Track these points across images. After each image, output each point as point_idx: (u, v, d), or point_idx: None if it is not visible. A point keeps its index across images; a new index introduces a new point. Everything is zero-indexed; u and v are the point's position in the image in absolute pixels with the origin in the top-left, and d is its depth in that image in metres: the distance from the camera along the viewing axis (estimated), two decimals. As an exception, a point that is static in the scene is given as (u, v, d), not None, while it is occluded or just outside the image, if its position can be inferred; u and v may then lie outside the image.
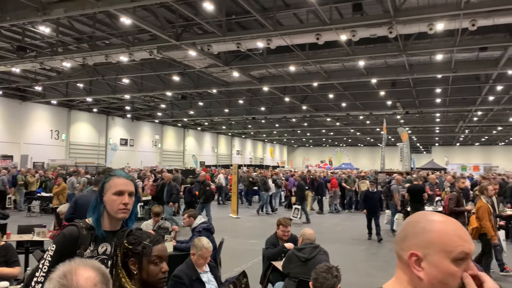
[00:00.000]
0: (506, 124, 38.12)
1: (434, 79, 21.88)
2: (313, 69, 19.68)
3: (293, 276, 4.41)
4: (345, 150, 62.45)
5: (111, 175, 2.26)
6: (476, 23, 12.06)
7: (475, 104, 26.74)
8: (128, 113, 35.66)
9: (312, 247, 4.63)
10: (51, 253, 2.08)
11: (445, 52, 16.48)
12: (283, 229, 5.63)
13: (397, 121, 36.14)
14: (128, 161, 35.66)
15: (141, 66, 20.26)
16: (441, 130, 44.93)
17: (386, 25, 12.81)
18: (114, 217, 2.21)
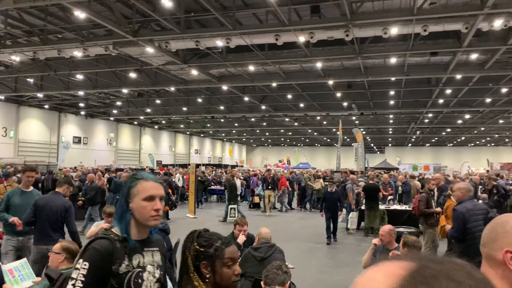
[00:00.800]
0: (454, 126, 40.06)
1: (388, 81, 22.62)
2: (272, 70, 19.82)
3: (249, 276, 4.41)
4: (302, 150, 63.39)
5: (137, 178, 2.02)
6: (428, 28, 12.56)
7: (426, 106, 27.88)
8: (81, 110, 34.48)
9: (268, 246, 4.64)
10: (83, 272, 1.79)
11: (398, 56, 17.06)
12: (239, 229, 5.61)
13: (352, 122, 37.09)
14: (81, 160, 34.49)
15: (96, 62, 19.63)
16: (394, 131, 46.53)
17: (343, 28, 13.10)
18: (145, 225, 1.99)
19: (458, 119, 36.40)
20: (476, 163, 52.06)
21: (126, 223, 1.96)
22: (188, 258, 1.91)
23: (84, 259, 1.83)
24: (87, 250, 1.87)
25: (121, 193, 2.06)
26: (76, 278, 1.79)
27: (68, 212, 5.54)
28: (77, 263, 1.85)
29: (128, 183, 2.03)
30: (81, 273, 1.79)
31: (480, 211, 5.37)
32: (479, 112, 31.57)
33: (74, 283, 1.78)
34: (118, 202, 2.07)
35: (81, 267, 1.81)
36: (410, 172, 31.95)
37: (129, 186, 2.00)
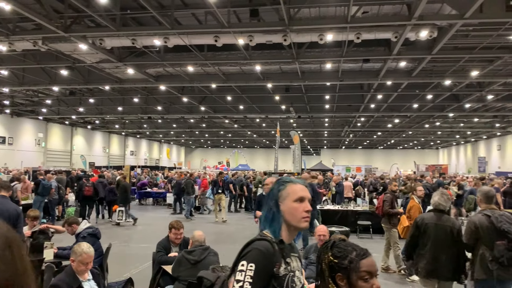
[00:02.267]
0: (384, 129, 42.22)
1: (324, 86, 23.37)
2: (212, 71, 19.74)
3: (183, 279, 4.34)
4: (242, 152, 63.71)
5: (286, 181, 2.06)
6: (361, 36, 13.16)
7: (359, 111, 29.15)
8: (6, 108, 32.15)
9: (202, 249, 4.60)
10: (250, 273, 1.79)
11: (333, 62, 17.69)
12: (175, 232, 5.51)
13: (290, 125, 37.88)
14: (6, 161, 32.19)
15: (23, 57, 18.42)
16: (329, 134, 48.17)
17: (281, 33, 13.36)
18: (296, 226, 1.99)
19: (388, 123, 38.43)
20: (404, 165, 55.24)
21: (279, 225, 1.97)
22: (324, 268, 1.87)
23: (248, 260, 1.83)
24: (249, 252, 1.86)
25: (269, 197, 2.07)
26: (244, 280, 1.78)
27: (19, 219, 5.18)
28: (240, 264, 1.84)
29: (276, 186, 2.06)
30: (248, 274, 1.78)
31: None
32: (407, 117, 33.53)
33: (242, 284, 1.78)
34: (266, 206, 2.07)
35: (247, 269, 1.80)
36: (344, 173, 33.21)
37: (278, 189, 2.03)
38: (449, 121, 36.35)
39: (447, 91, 23.16)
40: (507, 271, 4.52)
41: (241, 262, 1.85)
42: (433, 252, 5.01)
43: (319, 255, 1.95)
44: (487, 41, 15.02)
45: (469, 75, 18.92)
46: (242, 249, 1.92)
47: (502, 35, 14.29)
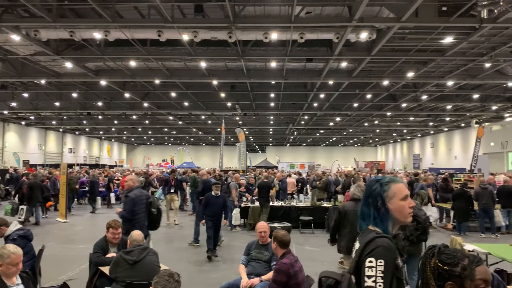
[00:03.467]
0: (326, 127, 43.43)
1: (269, 84, 23.63)
2: (155, 66, 19.28)
3: (121, 280, 4.21)
4: (187, 149, 62.91)
5: (387, 182, 2.20)
6: (304, 36, 13.42)
7: (303, 109, 29.77)
8: None
9: (140, 249, 4.48)
10: (381, 268, 1.94)
11: (278, 61, 17.92)
12: (113, 232, 5.32)
13: (236, 122, 37.95)
14: None
15: None
16: (274, 132, 48.81)
17: (226, 30, 13.33)
18: (404, 222, 2.17)
19: (330, 122, 39.56)
20: (345, 162, 57.22)
21: (389, 223, 2.14)
22: (429, 276, 1.84)
23: (376, 257, 1.95)
24: (375, 249, 1.98)
25: (371, 197, 2.19)
26: (375, 275, 1.92)
27: None
28: (367, 261, 1.96)
29: (378, 187, 2.18)
30: (379, 270, 1.92)
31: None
32: (348, 116, 34.72)
33: (374, 279, 1.92)
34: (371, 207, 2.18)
35: (377, 264, 1.94)
36: (288, 170, 33.79)
37: (382, 190, 2.17)
38: (387, 120, 38.07)
39: (385, 91, 24.22)
40: (416, 247, 5.74)
41: (369, 259, 1.98)
42: (352, 233, 6.03)
43: (424, 262, 1.97)
44: (422, 44, 15.86)
45: (405, 76, 19.91)
46: (364, 247, 2.03)
47: (435, 39, 15.15)
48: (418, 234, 5.64)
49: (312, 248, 10.34)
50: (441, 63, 18.35)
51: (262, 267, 5.29)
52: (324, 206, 13.37)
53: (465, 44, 15.38)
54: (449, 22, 12.59)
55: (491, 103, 27.50)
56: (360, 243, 2.09)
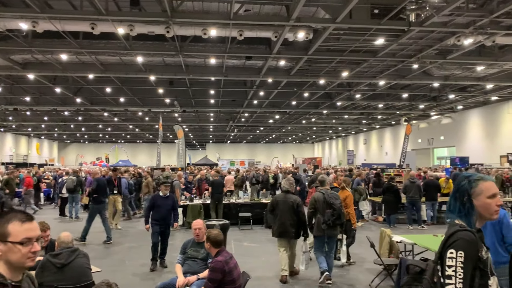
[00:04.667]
0: (266, 125, 43.97)
1: (208, 81, 23.46)
2: (88, 60, 18.42)
3: (47, 285, 3.97)
4: (123, 147, 60.92)
5: (476, 179, 2.31)
6: (243, 33, 13.46)
7: (243, 106, 29.90)
8: None
9: (69, 251, 4.26)
10: (461, 259, 2.11)
11: (217, 57, 17.83)
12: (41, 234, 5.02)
13: (175, 119, 37.29)
14: None
15: None
16: (214, 129, 48.60)
17: (163, 24, 13.03)
18: (489, 219, 2.30)
19: (269, 119, 40.11)
20: (284, 158, 58.32)
21: (474, 217, 2.26)
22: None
23: (456, 249, 2.13)
24: (456, 241, 2.15)
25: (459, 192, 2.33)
26: (456, 265, 2.10)
27: None
28: (448, 252, 2.14)
29: (467, 183, 2.32)
30: (459, 260, 2.09)
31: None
32: (287, 113, 35.39)
33: (454, 269, 2.10)
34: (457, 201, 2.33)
35: (457, 256, 2.11)
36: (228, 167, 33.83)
37: (470, 186, 2.30)
38: (323, 118, 39.29)
39: (321, 90, 24.96)
40: (333, 230, 6.89)
41: (450, 250, 2.15)
42: (281, 219, 7.32)
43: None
44: (355, 45, 16.51)
45: (340, 76, 20.64)
46: (446, 239, 2.21)
47: (367, 40, 15.83)
48: (334, 219, 6.77)
49: (251, 244, 10.44)
50: (373, 63, 19.23)
51: (198, 265, 5.25)
52: (263, 202, 13.54)
53: (395, 46, 16.22)
54: (380, 24, 13.21)
55: (419, 102, 29.29)
56: (445, 235, 2.27)
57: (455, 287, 2.07)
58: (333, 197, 6.93)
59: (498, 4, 12.59)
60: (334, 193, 7.15)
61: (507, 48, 17.71)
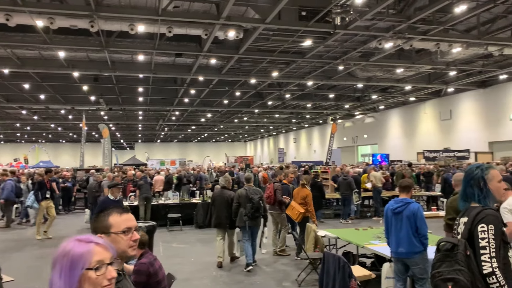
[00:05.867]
0: (198, 124, 43.58)
1: (137, 78, 22.71)
2: (3, 54, 17.01)
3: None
4: (44, 147, 57.16)
5: (487, 168, 2.75)
6: (172, 30, 13.17)
7: (173, 104, 29.36)
8: None
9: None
10: (492, 232, 2.41)
11: (145, 54, 17.31)
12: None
13: (101, 117, 35.69)
14: None
15: None
16: (143, 128, 47.22)
17: (87, 18, 12.40)
18: (498, 200, 2.80)
19: (201, 118, 39.78)
20: (217, 157, 58.17)
21: (489, 200, 2.64)
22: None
23: (486, 223, 2.45)
24: (485, 217, 2.48)
25: (475, 180, 2.70)
26: (488, 237, 2.40)
27: None
28: (479, 227, 2.46)
29: (480, 172, 2.71)
30: (491, 233, 2.41)
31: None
32: (219, 112, 35.32)
33: (487, 241, 2.40)
34: (474, 187, 2.69)
35: (489, 229, 2.43)
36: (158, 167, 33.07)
37: (483, 174, 2.69)
38: (255, 117, 39.75)
39: (252, 89, 25.21)
40: (254, 221, 7.77)
41: (480, 225, 2.46)
42: (217, 212, 8.22)
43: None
44: (284, 46, 16.86)
45: (270, 75, 21.00)
46: (475, 217, 2.51)
47: (296, 41, 16.23)
48: (253, 212, 7.65)
49: (180, 245, 10.29)
50: (302, 64, 19.77)
51: None
52: (193, 202, 13.38)
53: (322, 48, 16.81)
54: (308, 26, 13.61)
55: (344, 102, 30.64)
56: (468, 217, 2.56)
57: (490, 256, 2.37)
58: (253, 193, 7.79)
59: (415, 11, 13.50)
60: (256, 189, 8.03)
61: (423, 52, 19.06)
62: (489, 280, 2.32)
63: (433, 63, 19.64)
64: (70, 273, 1.24)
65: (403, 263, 4.81)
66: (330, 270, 5.02)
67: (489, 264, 2.34)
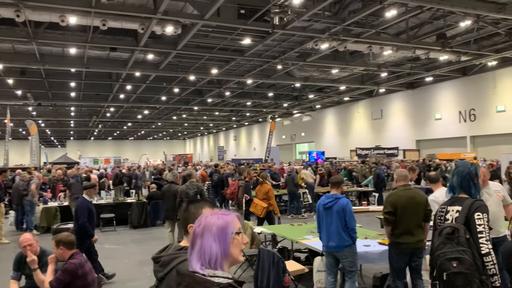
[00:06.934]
0: (134, 120, 42.36)
1: (68, 72, 21.58)
2: None
3: None
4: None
5: (478, 166, 3.18)
6: (107, 23, 12.69)
7: (108, 100, 28.30)
8: None
9: None
10: (486, 219, 2.88)
11: (78, 47, 16.51)
12: None
13: (28, 113, 33.54)
14: None
15: None
16: (76, 124, 45.09)
17: (12, 7, 11.62)
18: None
19: (138, 114, 38.67)
20: (154, 155, 56.81)
21: (480, 193, 3.09)
22: None
23: (482, 212, 2.87)
24: (479, 207, 2.90)
25: (471, 175, 3.06)
26: (484, 224, 2.84)
27: None
28: (476, 215, 2.86)
29: (473, 169, 3.09)
30: (486, 220, 2.86)
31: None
32: (156, 109, 34.53)
33: (484, 226, 2.84)
34: (470, 182, 3.05)
35: (483, 217, 2.86)
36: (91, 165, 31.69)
37: (475, 170, 3.09)
38: (194, 114, 39.36)
39: (191, 86, 24.94)
40: None
41: (477, 213, 2.85)
42: (167, 205, 9.01)
43: None
44: (224, 43, 16.85)
45: (210, 73, 20.88)
46: (470, 206, 2.89)
47: (235, 39, 16.27)
48: None
49: (113, 246, 9.95)
50: (241, 62, 19.87)
51: None
52: (128, 202, 12.97)
53: (261, 47, 16.99)
54: (246, 24, 13.69)
55: (283, 101, 31.22)
56: (462, 206, 2.92)
57: (486, 239, 2.79)
58: (190, 188, 8.32)
59: (349, 14, 14.04)
60: (195, 184, 8.54)
61: (356, 54, 19.87)
62: (486, 259, 2.75)
63: (365, 65, 20.55)
64: (224, 237, 1.53)
65: (333, 256, 4.98)
66: (265, 266, 5.09)
67: (486, 246, 2.77)
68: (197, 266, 1.50)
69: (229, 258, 1.54)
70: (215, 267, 1.49)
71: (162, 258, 1.94)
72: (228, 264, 1.55)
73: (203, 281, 1.45)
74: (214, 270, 1.48)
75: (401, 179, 4.83)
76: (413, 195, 4.66)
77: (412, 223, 4.57)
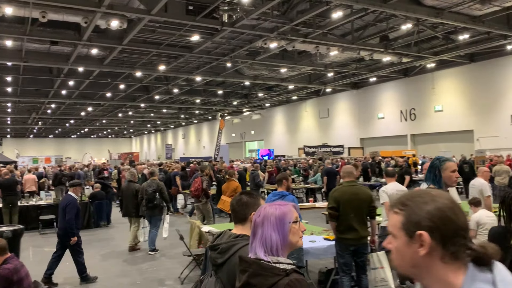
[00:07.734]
0: (77, 117, 40.66)
1: (4, 66, 20.31)
2: None
3: None
4: None
5: (444, 160, 3.52)
6: (47, 15, 12.06)
7: (48, 96, 26.95)
8: None
9: None
10: None
11: (15, 39, 15.60)
12: None
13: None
14: None
15: None
16: (13, 121, 42.63)
17: None
18: (450, 185, 3.52)
19: (81, 111, 37.14)
20: (99, 154, 54.84)
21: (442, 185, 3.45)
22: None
23: None
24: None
25: (433, 168, 3.50)
26: None
27: None
28: None
29: (438, 162, 3.50)
30: None
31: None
32: (101, 105, 33.34)
33: None
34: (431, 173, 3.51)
35: None
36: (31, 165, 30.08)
37: (440, 164, 3.47)
38: (141, 111, 38.38)
39: (138, 82, 24.29)
40: (150, 211, 8.51)
41: None
42: (125, 203, 9.13)
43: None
44: (171, 39, 16.55)
45: (157, 69, 20.43)
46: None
47: (183, 36, 16.03)
48: (146, 202, 8.46)
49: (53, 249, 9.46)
50: (190, 59, 19.62)
51: None
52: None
53: (210, 44, 16.86)
54: (195, 21, 13.54)
55: (232, 99, 31.20)
56: None
57: None
58: (148, 186, 8.62)
59: (297, 14, 14.26)
60: (155, 182, 8.80)
61: (304, 54, 20.23)
62: None
63: (313, 65, 20.99)
64: (282, 226, 1.67)
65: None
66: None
67: None
68: (261, 253, 1.64)
69: (288, 245, 1.69)
70: (276, 254, 1.64)
71: (221, 245, 2.05)
72: (287, 250, 1.71)
73: (270, 267, 1.59)
74: (276, 257, 1.63)
75: (345, 175, 4.96)
76: (356, 192, 4.78)
77: (355, 220, 4.69)
